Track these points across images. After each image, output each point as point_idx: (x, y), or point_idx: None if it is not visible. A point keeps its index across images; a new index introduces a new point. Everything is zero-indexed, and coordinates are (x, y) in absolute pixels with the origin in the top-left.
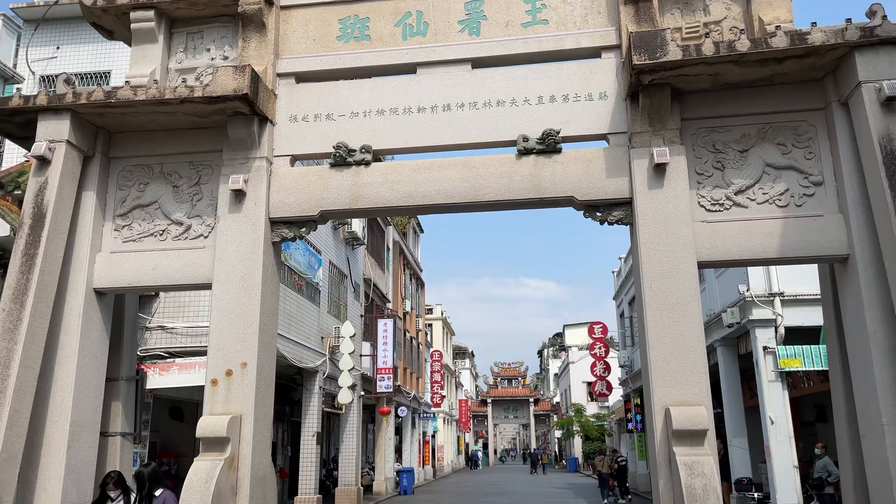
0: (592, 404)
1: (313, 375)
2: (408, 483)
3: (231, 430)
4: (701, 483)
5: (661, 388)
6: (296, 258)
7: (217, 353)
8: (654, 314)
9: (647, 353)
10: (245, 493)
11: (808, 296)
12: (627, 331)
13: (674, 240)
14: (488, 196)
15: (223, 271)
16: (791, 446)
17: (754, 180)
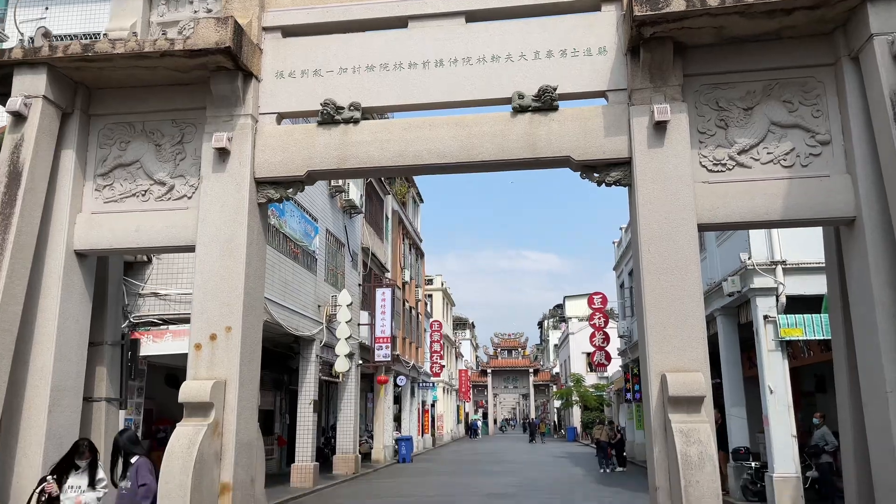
0: (592, 375)
1: (310, 344)
2: (406, 451)
3: (215, 396)
4: (697, 451)
5: (657, 354)
6: (291, 225)
7: (201, 317)
8: (651, 278)
9: (643, 319)
10: (230, 458)
11: (811, 264)
12: (627, 301)
13: (673, 201)
14: (482, 156)
15: (207, 233)
16: (790, 416)
17: (759, 139)
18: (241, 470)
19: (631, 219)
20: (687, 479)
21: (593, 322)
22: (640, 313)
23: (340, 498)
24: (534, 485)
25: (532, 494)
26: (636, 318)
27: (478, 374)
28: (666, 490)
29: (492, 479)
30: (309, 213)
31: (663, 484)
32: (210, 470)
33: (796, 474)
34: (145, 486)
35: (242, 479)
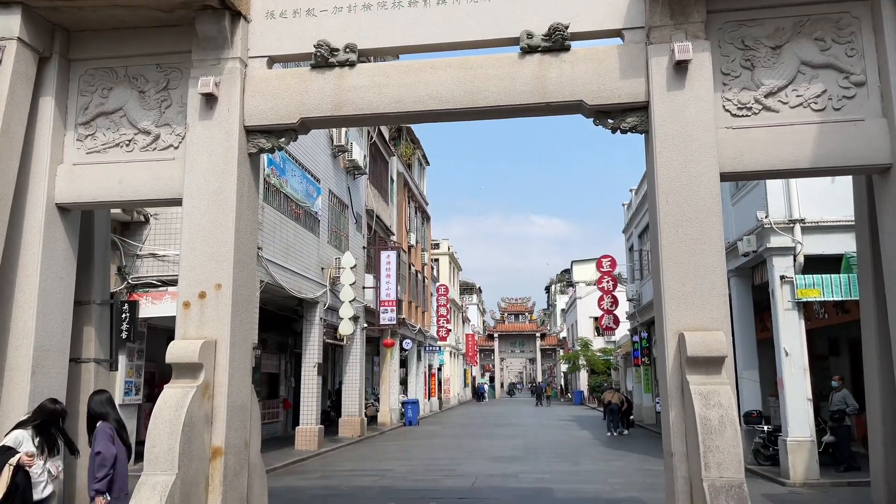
0: (599, 339)
1: (314, 306)
2: (412, 414)
3: (204, 356)
4: (717, 414)
5: (674, 312)
6: (292, 185)
7: (189, 273)
8: (669, 231)
9: (660, 274)
10: (221, 422)
11: (831, 222)
12: (636, 264)
13: (694, 148)
14: (487, 101)
15: (194, 185)
16: (805, 379)
17: (787, 81)
18: (233, 433)
19: (648, 168)
20: (706, 445)
21: (601, 285)
22: (657, 269)
23: (345, 461)
24: (540, 448)
25: (539, 457)
26: (651, 275)
27: (485, 338)
28: (682, 455)
29: (498, 441)
30: (311, 173)
31: (679, 449)
32: (200, 434)
33: (811, 438)
34: (99, 454)
35: (235, 442)
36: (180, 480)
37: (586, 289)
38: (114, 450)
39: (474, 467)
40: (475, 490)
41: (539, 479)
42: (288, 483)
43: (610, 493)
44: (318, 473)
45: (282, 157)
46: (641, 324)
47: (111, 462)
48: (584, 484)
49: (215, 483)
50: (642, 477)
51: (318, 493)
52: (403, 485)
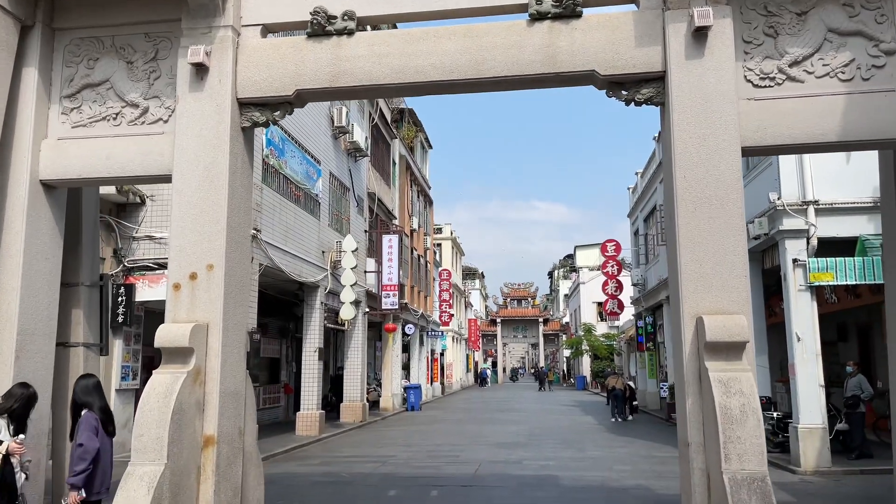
0: (602, 324)
1: (314, 290)
2: (415, 399)
3: (195, 340)
4: (738, 403)
5: (692, 295)
6: (291, 166)
7: (179, 254)
8: (687, 209)
9: (676, 255)
10: (214, 408)
11: (846, 204)
12: (641, 249)
13: (714, 120)
14: (493, 71)
15: (184, 160)
16: (818, 364)
17: (813, 49)
18: (226, 421)
19: (663, 142)
20: (727, 435)
21: (606, 270)
22: (673, 249)
23: (346, 447)
24: (544, 434)
25: (542, 444)
26: (667, 255)
27: (487, 323)
28: (699, 446)
29: (501, 427)
30: (311, 155)
31: (696, 439)
32: (191, 421)
33: (823, 425)
34: (81, 446)
35: (228, 430)
36: (169, 470)
37: (590, 274)
38: (96, 443)
39: (477, 454)
40: (478, 477)
41: (543, 465)
42: (288, 469)
43: (616, 481)
44: (319, 460)
45: (281, 137)
46: (646, 308)
47: (92, 456)
48: (590, 471)
49: (207, 473)
50: (649, 464)
51: (319, 479)
52: (405, 472)
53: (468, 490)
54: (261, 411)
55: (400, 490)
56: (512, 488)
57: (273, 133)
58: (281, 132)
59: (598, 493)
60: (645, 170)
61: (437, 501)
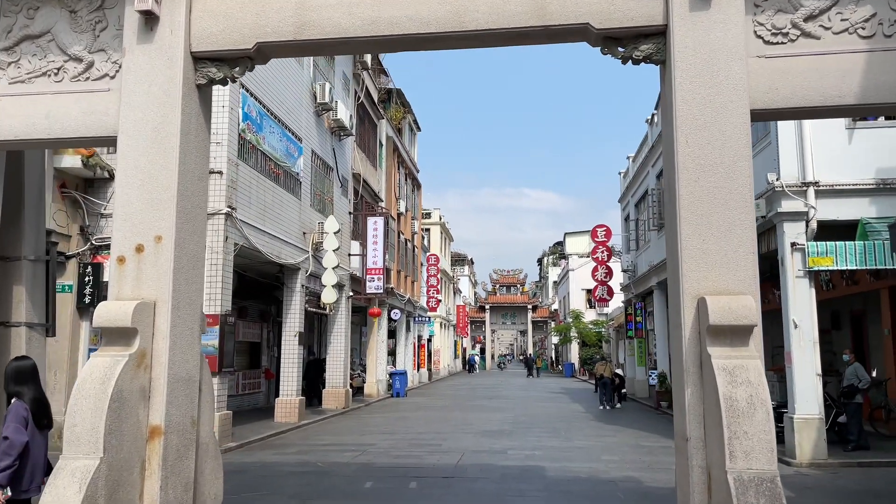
0: (591, 311)
1: (295, 273)
2: (400, 386)
3: (139, 319)
4: (745, 394)
5: (693, 273)
6: (270, 143)
7: (124, 223)
8: (689, 177)
9: (676, 229)
10: (161, 396)
11: (848, 185)
12: (632, 234)
13: (721, 80)
14: (476, 23)
15: (130, 120)
16: (815, 353)
17: (830, 2)
18: (176, 410)
19: (663, 105)
20: (732, 430)
21: (596, 255)
22: (673, 223)
23: (326, 434)
24: (530, 422)
25: (528, 432)
26: (667, 230)
27: (476, 309)
28: (699, 441)
29: (487, 414)
30: (291, 131)
31: (696, 433)
32: (133, 410)
33: (819, 416)
34: (6, 440)
35: (179, 420)
36: (106, 465)
37: (579, 261)
38: (24, 437)
39: (461, 443)
40: (460, 468)
41: (529, 456)
42: (262, 458)
43: (605, 473)
44: (296, 448)
45: (259, 111)
46: (636, 295)
47: (18, 451)
48: (577, 462)
49: (153, 467)
50: (638, 454)
51: (293, 469)
52: (384, 461)
53: (449, 482)
54: (240, 397)
55: (377, 481)
56: (495, 480)
57: (250, 107)
58: (259, 106)
59: (585, 486)
60: (637, 154)
61: (415, 495)
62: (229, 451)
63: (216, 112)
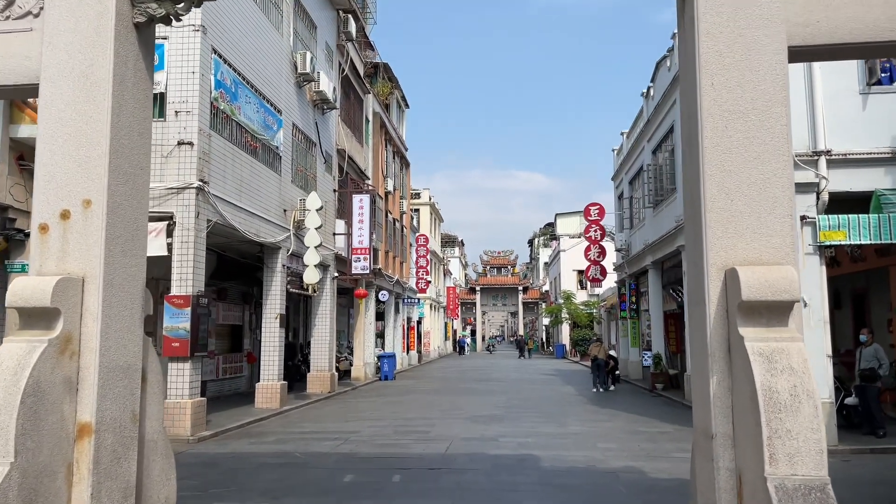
0: (582, 292)
1: (275, 252)
2: (389, 369)
3: (62, 298)
4: (788, 383)
5: (720, 240)
6: (246, 113)
7: (47, 186)
8: (715, 126)
9: (700, 188)
10: (91, 388)
11: (861, 154)
12: (626, 212)
13: (752, 10)
14: None
15: (54, 63)
16: (826, 333)
17: None
18: (111, 404)
19: (683, 42)
20: (772, 428)
21: (589, 234)
22: (694, 181)
23: (308, 421)
24: (523, 406)
25: (521, 417)
26: (684, 190)
27: (466, 291)
28: (727, 438)
29: (477, 398)
30: (270, 102)
31: (723, 429)
32: (56, 406)
33: (830, 400)
34: None
35: (115, 416)
36: (19, 472)
37: (570, 242)
38: None
39: (450, 429)
40: (448, 458)
41: (521, 443)
42: (237, 448)
43: (602, 462)
44: (275, 437)
45: (233, 80)
46: (630, 275)
47: None
48: (573, 450)
49: (82, 472)
50: (636, 441)
51: (268, 461)
52: (367, 451)
53: (436, 474)
54: (220, 381)
55: (358, 474)
56: (486, 471)
57: (223, 74)
58: (233, 74)
59: (583, 478)
60: (631, 130)
61: (398, 490)
62: (203, 441)
63: (185, 78)
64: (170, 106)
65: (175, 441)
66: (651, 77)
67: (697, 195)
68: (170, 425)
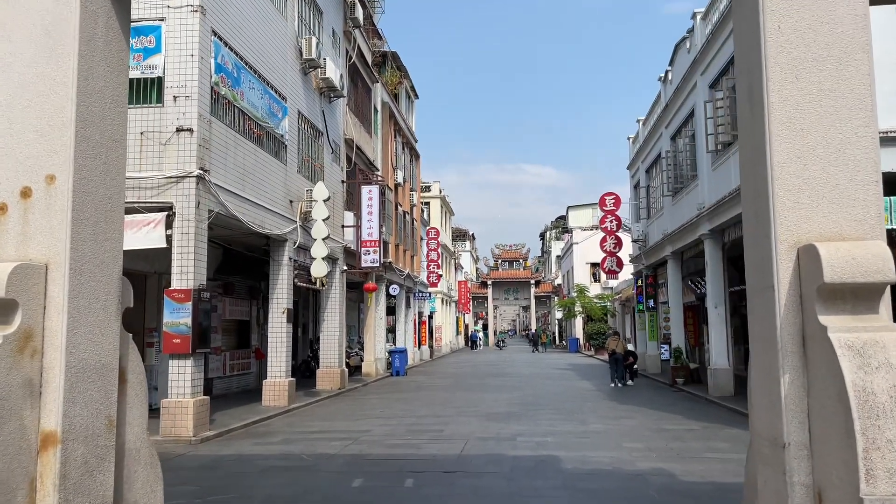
0: (595, 285)
1: (282, 245)
2: (400, 364)
3: (21, 287)
4: (886, 383)
5: (791, 212)
6: (249, 99)
7: (5, 160)
8: (782, 77)
9: (765, 150)
10: (56, 392)
11: None
12: (643, 202)
13: None
14: None
15: (11, 16)
16: None
17: None
18: (81, 409)
19: None
20: (868, 438)
21: (604, 225)
22: (756, 142)
23: (316, 419)
24: (540, 402)
25: (538, 415)
26: (741, 153)
27: (478, 285)
28: (803, 448)
29: (492, 394)
30: (274, 89)
31: (798, 438)
32: (13, 412)
33: None
34: None
35: (86, 423)
36: None
37: (583, 234)
38: None
39: (464, 427)
40: (464, 460)
41: (541, 443)
42: (240, 449)
43: (630, 464)
44: (281, 436)
45: (235, 64)
46: (647, 266)
47: None
48: (596, 451)
49: (47, 487)
50: (663, 440)
51: (272, 463)
52: (378, 452)
53: (451, 478)
54: (228, 378)
55: (367, 478)
56: (505, 475)
57: (224, 58)
58: (235, 58)
59: (610, 482)
60: (647, 116)
61: (411, 495)
62: (206, 442)
63: (183, 61)
64: (168, 91)
65: (176, 442)
66: (669, 60)
67: (761, 160)
68: (171, 426)
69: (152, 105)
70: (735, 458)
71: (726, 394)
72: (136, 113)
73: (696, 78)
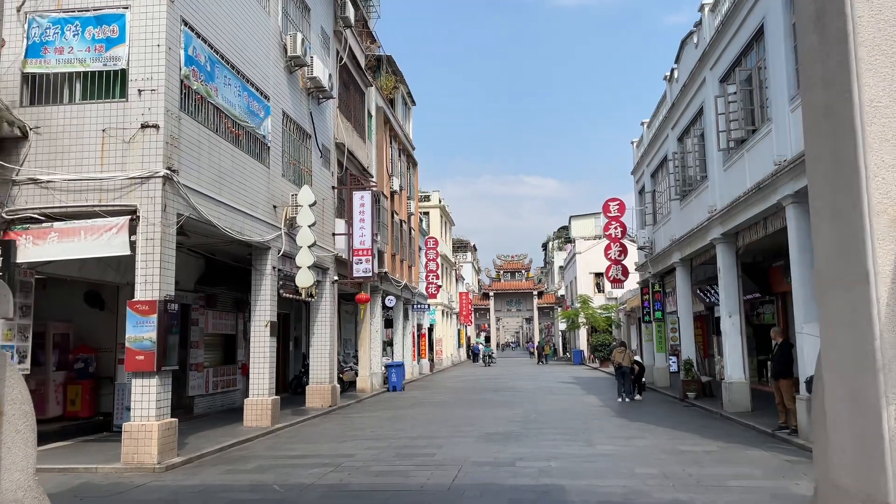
0: (599, 295)
1: (264, 253)
2: (397, 379)
3: None
4: None
5: (892, 172)
6: (226, 96)
7: None
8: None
9: (849, 86)
10: None
11: None
12: (648, 207)
13: None
14: None
15: None
16: None
17: None
18: None
19: None
20: None
21: (608, 232)
22: (830, 76)
23: (298, 442)
24: (542, 419)
25: (541, 434)
26: (802, 95)
27: (480, 297)
28: None
29: (492, 411)
30: (255, 86)
31: None
32: None
33: None
34: None
35: None
36: None
37: (586, 244)
38: None
39: (459, 450)
40: (455, 491)
41: (543, 469)
42: (207, 479)
43: (646, 496)
44: (256, 463)
45: (209, 57)
46: (654, 274)
47: None
48: (606, 478)
49: None
50: (680, 464)
51: (238, 496)
52: (359, 481)
53: None
54: (212, 396)
55: None
56: None
57: (196, 49)
58: (209, 51)
59: None
60: (652, 118)
61: None
62: (171, 470)
63: (149, 52)
64: (132, 84)
65: (139, 470)
66: (675, 58)
67: (842, 101)
68: (133, 452)
69: (115, 100)
70: (765, 486)
71: (742, 409)
72: (98, 108)
73: (705, 73)
